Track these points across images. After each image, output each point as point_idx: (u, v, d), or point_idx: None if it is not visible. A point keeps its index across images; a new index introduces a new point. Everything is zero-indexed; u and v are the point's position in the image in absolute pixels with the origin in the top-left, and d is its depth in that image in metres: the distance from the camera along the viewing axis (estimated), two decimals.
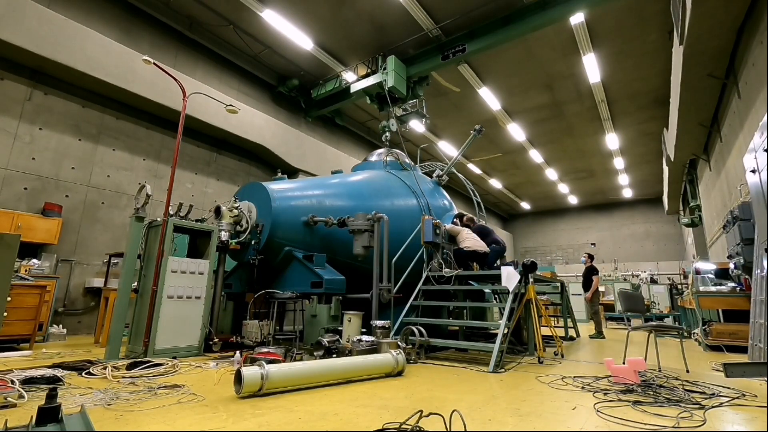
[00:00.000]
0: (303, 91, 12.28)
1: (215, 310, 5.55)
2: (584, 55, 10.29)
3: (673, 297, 13.11)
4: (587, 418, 2.63)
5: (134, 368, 3.81)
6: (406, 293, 6.16)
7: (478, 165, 18.19)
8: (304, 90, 12.28)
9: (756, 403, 3.01)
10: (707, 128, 9.23)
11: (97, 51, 7.66)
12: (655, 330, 4.72)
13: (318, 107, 12.67)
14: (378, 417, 2.55)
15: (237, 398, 2.98)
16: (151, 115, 8.93)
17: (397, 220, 6.88)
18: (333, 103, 12.30)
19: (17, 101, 7.09)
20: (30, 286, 5.31)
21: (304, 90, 12.29)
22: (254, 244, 6.16)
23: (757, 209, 4.51)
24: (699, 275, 7.58)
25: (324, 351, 4.63)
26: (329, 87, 11.85)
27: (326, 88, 11.93)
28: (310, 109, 12.78)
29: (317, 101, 12.49)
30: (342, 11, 9.16)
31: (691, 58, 6.95)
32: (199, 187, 9.82)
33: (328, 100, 12.37)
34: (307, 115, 12.94)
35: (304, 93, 12.36)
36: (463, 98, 12.58)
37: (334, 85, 11.70)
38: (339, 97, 11.97)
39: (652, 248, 22.57)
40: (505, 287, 5.26)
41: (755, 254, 4.85)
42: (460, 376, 4.02)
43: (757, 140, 4.39)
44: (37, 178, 7.17)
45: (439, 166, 9.24)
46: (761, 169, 4.25)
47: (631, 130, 14.55)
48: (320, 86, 12.05)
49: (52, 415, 1.98)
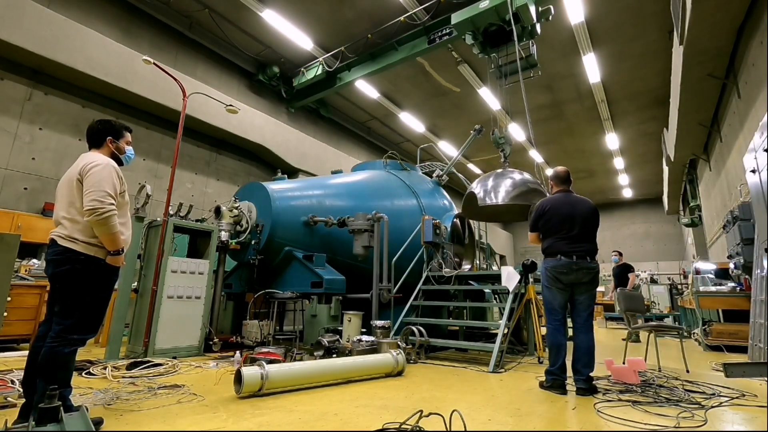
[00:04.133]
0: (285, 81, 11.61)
1: (215, 310, 5.55)
2: (584, 55, 10.29)
3: (673, 297, 13.10)
4: (587, 418, 2.63)
5: (134, 368, 3.81)
6: (406, 293, 6.15)
7: (478, 165, 18.19)
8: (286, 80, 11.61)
9: (756, 403, 3.01)
10: (707, 128, 9.23)
11: (97, 51, 7.66)
12: (655, 330, 4.72)
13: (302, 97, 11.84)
14: (378, 417, 2.55)
15: (237, 398, 2.98)
16: (151, 115, 8.93)
17: (397, 220, 6.88)
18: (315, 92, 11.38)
19: (17, 101, 7.08)
20: (30, 286, 5.31)
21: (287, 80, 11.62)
22: (254, 244, 6.16)
23: (757, 209, 4.51)
24: (699, 275, 7.57)
25: (324, 351, 4.63)
26: (310, 75, 10.91)
27: (307, 77, 10.98)
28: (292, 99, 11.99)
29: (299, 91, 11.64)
30: (342, 11, 9.15)
31: (691, 58, 6.95)
32: (199, 187, 9.82)
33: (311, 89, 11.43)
34: (290, 106, 12.13)
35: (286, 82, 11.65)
36: (463, 98, 12.58)
37: (316, 72, 10.79)
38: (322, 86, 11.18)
39: (652, 248, 22.56)
40: (505, 287, 5.26)
41: (755, 254, 4.86)
42: (460, 376, 4.02)
43: (757, 140, 4.39)
44: (37, 178, 7.17)
45: (439, 166, 9.23)
46: (761, 169, 4.25)
47: (631, 130, 14.55)
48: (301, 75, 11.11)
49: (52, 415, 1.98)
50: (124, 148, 2.65)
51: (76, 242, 2.30)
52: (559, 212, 3.60)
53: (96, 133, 2.57)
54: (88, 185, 2.29)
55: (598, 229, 3.67)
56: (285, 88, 11.70)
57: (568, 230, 3.53)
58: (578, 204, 3.63)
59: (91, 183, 2.29)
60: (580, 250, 3.46)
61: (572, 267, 3.42)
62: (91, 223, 2.28)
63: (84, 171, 2.34)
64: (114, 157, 2.58)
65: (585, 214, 3.56)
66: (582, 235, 3.52)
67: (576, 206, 3.61)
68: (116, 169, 2.45)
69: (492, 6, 7.37)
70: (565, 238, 3.52)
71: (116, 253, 2.36)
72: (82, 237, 2.31)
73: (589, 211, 3.59)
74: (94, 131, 2.57)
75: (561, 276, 3.46)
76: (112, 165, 2.44)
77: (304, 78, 11.12)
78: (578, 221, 3.54)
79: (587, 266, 3.43)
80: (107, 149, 2.56)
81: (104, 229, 2.28)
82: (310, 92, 11.58)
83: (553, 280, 3.50)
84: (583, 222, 3.54)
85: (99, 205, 2.24)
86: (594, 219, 3.60)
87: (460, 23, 7.95)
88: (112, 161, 2.48)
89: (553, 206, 3.65)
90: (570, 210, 3.58)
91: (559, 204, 3.65)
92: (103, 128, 2.58)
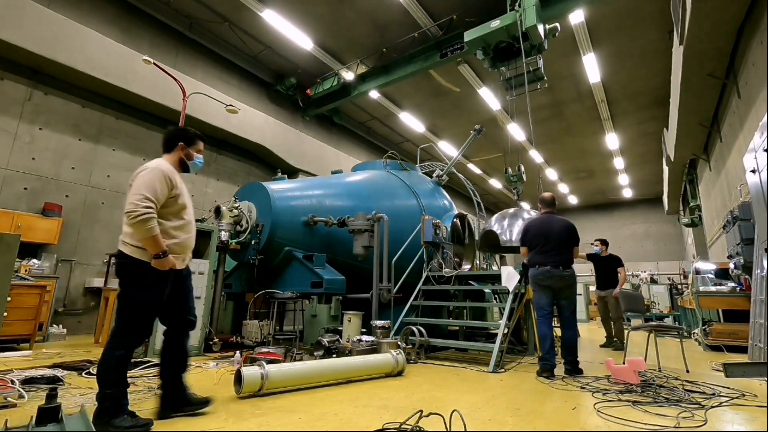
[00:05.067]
0: (301, 90, 12.13)
1: (215, 310, 5.55)
2: (584, 55, 10.29)
3: (673, 297, 13.10)
4: (587, 418, 2.63)
5: (134, 368, 3.80)
6: (406, 293, 6.15)
7: (478, 165, 18.19)
8: (302, 89, 12.12)
9: (756, 403, 3.01)
10: (707, 128, 9.23)
11: (97, 51, 7.66)
12: (655, 330, 4.72)
13: (316, 106, 12.49)
14: (378, 417, 2.55)
15: (237, 398, 2.98)
16: (151, 115, 8.92)
17: (397, 220, 6.88)
18: (331, 102, 12.04)
19: (17, 101, 7.08)
20: (30, 286, 5.31)
21: (303, 88, 12.13)
22: (254, 244, 6.16)
23: (757, 209, 4.51)
24: (699, 275, 7.57)
25: (324, 351, 4.63)
26: (327, 85, 11.57)
27: (324, 87, 11.63)
28: (308, 107, 12.62)
29: (315, 100, 12.31)
30: (342, 11, 9.15)
31: (691, 58, 6.95)
32: (199, 187, 9.82)
33: (326, 99, 12.13)
34: (305, 114, 12.77)
35: (302, 91, 12.18)
36: (463, 98, 12.57)
37: (332, 83, 11.43)
38: (337, 96, 11.81)
39: (652, 248, 22.57)
40: (505, 287, 5.27)
41: (755, 254, 4.86)
42: (460, 376, 4.02)
43: (757, 140, 4.39)
44: (37, 178, 7.17)
45: (439, 166, 9.23)
46: (761, 169, 4.25)
47: (631, 130, 14.55)
48: (318, 84, 11.82)
49: (52, 415, 1.98)
50: (193, 155, 2.73)
51: (126, 245, 2.39)
52: (538, 231, 4.40)
53: (171, 138, 2.69)
54: (131, 190, 2.38)
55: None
56: (301, 97, 12.22)
57: (543, 245, 4.30)
58: (554, 223, 4.37)
59: (134, 187, 2.37)
60: (553, 261, 4.21)
61: (547, 274, 4.20)
62: (130, 226, 2.33)
63: (133, 176, 2.45)
64: (182, 163, 2.69)
65: (559, 232, 4.30)
66: (555, 248, 4.25)
67: (552, 225, 4.36)
68: (167, 174, 2.46)
69: (503, 26, 7.83)
70: (541, 252, 4.30)
71: (159, 256, 2.35)
72: (129, 240, 2.38)
73: (562, 229, 4.32)
74: (169, 136, 2.71)
75: (540, 281, 4.24)
76: (162, 169, 2.46)
77: (321, 88, 11.72)
78: (552, 237, 4.29)
79: (559, 274, 4.18)
80: (176, 154, 2.67)
81: (141, 232, 2.30)
82: (324, 101, 12.18)
83: (536, 285, 4.30)
84: (557, 238, 4.28)
85: (133, 208, 2.27)
86: (566, 235, 4.30)
87: (472, 41, 8.38)
88: (165, 166, 2.51)
89: (533, 226, 4.48)
90: (547, 228, 4.36)
91: (538, 224, 4.47)
92: (178, 134, 2.72)
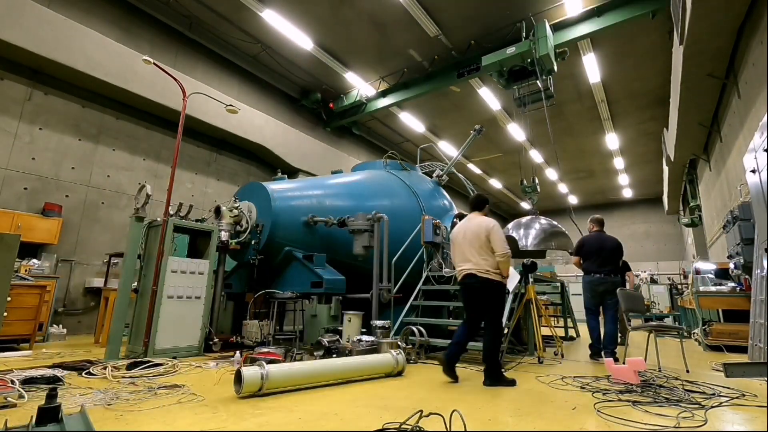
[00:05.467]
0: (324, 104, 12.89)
1: (215, 310, 5.55)
2: (584, 55, 10.28)
3: (673, 297, 13.11)
4: (587, 418, 2.63)
5: (134, 368, 3.80)
6: (406, 293, 6.15)
7: (478, 165, 18.18)
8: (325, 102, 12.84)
9: (756, 403, 3.01)
10: (707, 128, 9.22)
11: (97, 51, 7.66)
12: (655, 330, 4.72)
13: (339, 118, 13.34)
14: (378, 417, 2.55)
15: (237, 398, 2.98)
16: (151, 115, 8.93)
17: (397, 220, 6.88)
18: (353, 115, 12.88)
19: (17, 101, 7.08)
20: (30, 286, 5.31)
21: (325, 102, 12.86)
22: (254, 244, 6.16)
23: (757, 209, 4.51)
24: (699, 275, 7.58)
25: (324, 351, 4.63)
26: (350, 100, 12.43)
27: (347, 101, 12.53)
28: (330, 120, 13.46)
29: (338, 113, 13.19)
30: (342, 11, 9.15)
31: (691, 58, 6.94)
32: (199, 187, 9.82)
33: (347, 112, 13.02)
34: (327, 126, 13.58)
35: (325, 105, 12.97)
36: (463, 98, 12.57)
37: (355, 98, 12.26)
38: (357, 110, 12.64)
39: (652, 248, 22.55)
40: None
41: (755, 254, 4.86)
42: (460, 375, 4.02)
43: (757, 140, 4.39)
44: (37, 178, 7.17)
45: (439, 166, 9.23)
46: (761, 169, 4.25)
47: (631, 130, 14.54)
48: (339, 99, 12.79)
49: (52, 415, 1.98)
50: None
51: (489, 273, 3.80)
52: (593, 246, 5.48)
53: (482, 201, 4.20)
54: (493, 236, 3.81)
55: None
56: (324, 110, 13.15)
57: (597, 257, 5.39)
58: (606, 240, 5.48)
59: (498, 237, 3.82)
60: (604, 269, 5.33)
61: (601, 280, 5.30)
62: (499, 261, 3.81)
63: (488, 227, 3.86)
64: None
65: (611, 248, 5.42)
66: (606, 260, 5.36)
67: (605, 242, 5.46)
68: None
69: (518, 52, 8.81)
70: (595, 263, 5.38)
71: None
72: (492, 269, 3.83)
73: (613, 245, 5.43)
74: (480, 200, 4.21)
75: (595, 286, 5.32)
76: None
77: (344, 103, 12.74)
78: (605, 252, 5.39)
79: (611, 281, 5.27)
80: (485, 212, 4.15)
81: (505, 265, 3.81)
82: (345, 115, 13.23)
83: (589, 288, 5.38)
84: (609, 253, 5.39)
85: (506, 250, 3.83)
86: (616, 250, 5.42)
87: (489, 65, 9.31)
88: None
89: (588, 242, 5.56)
90: (600, 244, 5.46)
91: (593, 240, 5.54)
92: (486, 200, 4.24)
